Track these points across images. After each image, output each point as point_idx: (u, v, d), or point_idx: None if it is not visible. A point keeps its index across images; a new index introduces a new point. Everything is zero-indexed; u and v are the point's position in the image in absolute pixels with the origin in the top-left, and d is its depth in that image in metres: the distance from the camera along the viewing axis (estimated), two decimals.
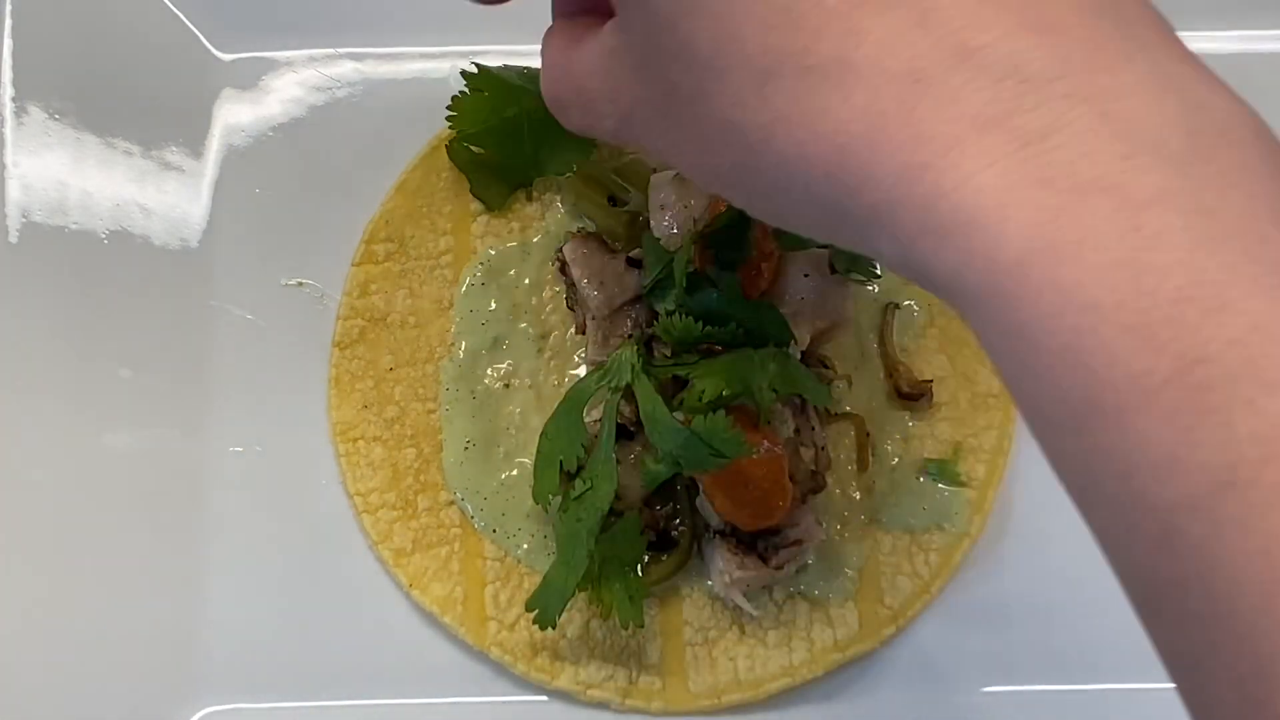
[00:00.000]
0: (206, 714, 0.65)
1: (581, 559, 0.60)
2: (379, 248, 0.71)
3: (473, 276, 0.70)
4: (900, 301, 0.70)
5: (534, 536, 0.67)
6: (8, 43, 0.70)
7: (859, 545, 0.67)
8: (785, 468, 0.61)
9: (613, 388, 0.60)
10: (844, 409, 0.68)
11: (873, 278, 0.68)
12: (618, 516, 0.62)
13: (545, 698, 0.66)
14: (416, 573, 0.67)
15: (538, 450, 0.62)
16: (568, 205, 0.71)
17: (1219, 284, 0.27)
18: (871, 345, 0.70)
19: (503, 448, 0.68)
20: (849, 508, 0.67)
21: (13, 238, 0.69)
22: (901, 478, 0.68)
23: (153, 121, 0.72)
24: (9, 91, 0.70)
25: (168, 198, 0.71)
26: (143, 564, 0.66)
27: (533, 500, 0.62)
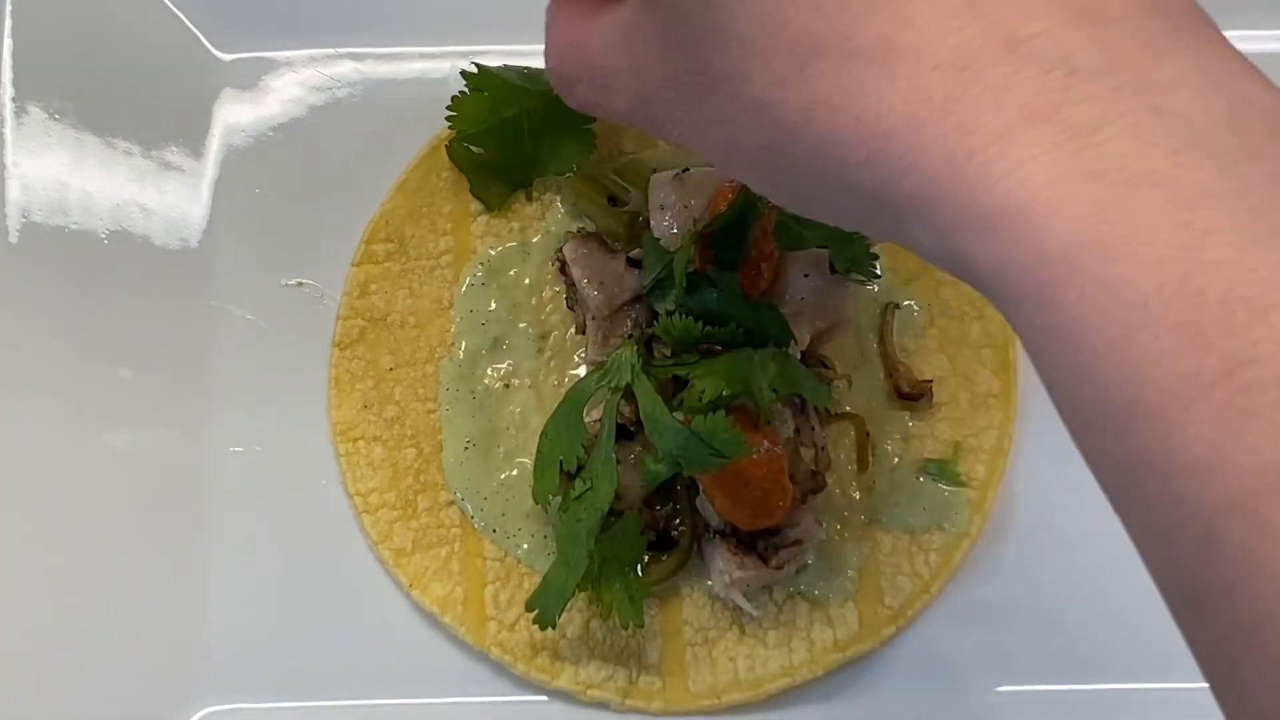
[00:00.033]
0: (206, 714, 0.65)
1: (581, 559, 0.60)
2: (379, 248, 0.71)
3: (473, 276, 0.70)
4: (900, 301, 0.70)
5: (534, 536, 0.67)
6: (8, 43, 0.70)
7: (859, 545, 0.67)
8: (785, 468, 0.61)
9: (613, 388, 0.60)
10: (844, 409, 0.68)
11: (873, 278, 0.68)
12: (618, 516, 0.62)
13: (545, 698, 0.66)
14: (416, 573, 0.67)
15: (538, 450, 0.62)
16: (568, 205, 0.71)
17: (1269, 284, 0.27)
18: (871, 345, 0.70)
19: (503, 448, 0.68)
20: (849, 508, 0.67)
21: (13, 238, 0.69)
22: (901, 478, 0.68)
23: (153, 121, 0.72)
24: (9, 91, 0.70)
25: (168, 198, 0.71)
26: (143, 564, 0.66)
27: (533, 500, 0.62)
